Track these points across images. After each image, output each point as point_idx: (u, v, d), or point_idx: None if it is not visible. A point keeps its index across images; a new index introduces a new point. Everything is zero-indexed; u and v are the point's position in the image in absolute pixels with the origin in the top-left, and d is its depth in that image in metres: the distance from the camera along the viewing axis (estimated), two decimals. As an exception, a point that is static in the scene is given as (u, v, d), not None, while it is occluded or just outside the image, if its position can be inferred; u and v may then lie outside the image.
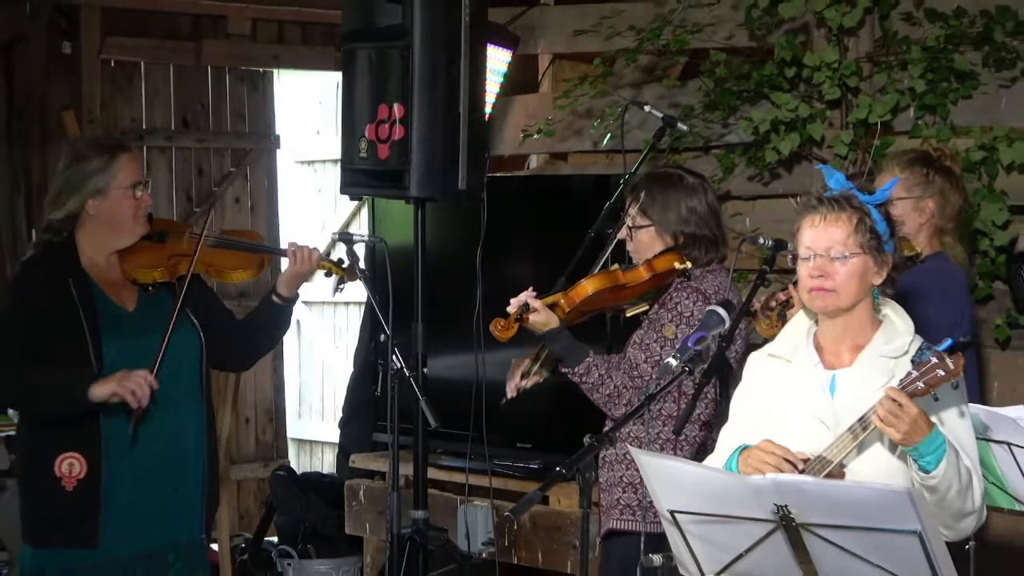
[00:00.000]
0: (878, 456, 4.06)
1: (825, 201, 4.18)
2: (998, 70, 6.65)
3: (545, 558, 6.92)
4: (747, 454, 4.12)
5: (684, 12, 7.47)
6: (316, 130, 11.60)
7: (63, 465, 5.36)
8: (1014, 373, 6.51)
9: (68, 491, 5.37)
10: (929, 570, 3.64)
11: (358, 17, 6.52)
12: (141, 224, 5.58)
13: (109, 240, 5.54)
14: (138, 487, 5.47)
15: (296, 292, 5.87)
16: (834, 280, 4.13)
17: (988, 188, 6.52)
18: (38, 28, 9.65)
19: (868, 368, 4.15)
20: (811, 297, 4.18)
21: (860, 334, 4.21)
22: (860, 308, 4.20)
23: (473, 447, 6.48)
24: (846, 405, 4.11)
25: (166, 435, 5.53)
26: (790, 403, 4.21)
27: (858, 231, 4.13)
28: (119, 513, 5.43)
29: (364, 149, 6.39)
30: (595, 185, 6.96)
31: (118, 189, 5.48)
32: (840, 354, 4.23)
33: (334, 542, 8.07)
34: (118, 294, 5.53)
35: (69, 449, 5.37)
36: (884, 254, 4.17)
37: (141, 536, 5.49)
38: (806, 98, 6.97)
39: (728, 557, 3.84)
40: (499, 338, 5.47)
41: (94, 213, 5.48)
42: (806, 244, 4.18)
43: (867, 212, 4.15)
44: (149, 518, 5.51)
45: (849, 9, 6.79)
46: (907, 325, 4.22)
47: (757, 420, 4.26)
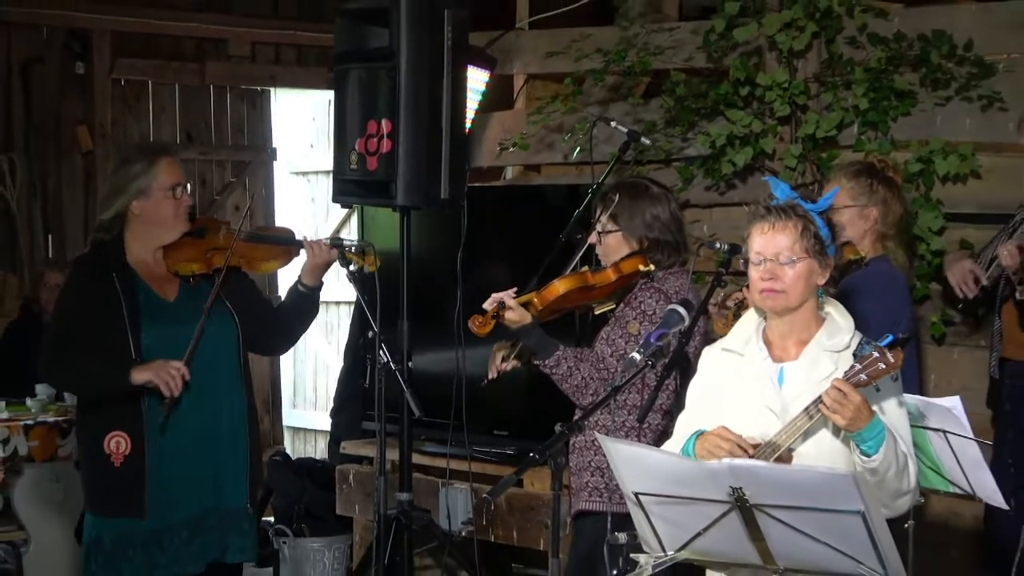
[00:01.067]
0: (823, 441, 4.07)
1: (772, 210, 4.19)
2: (934, 89, 6.67)
3: (520, 536, 6.91)
4: (703, 439, 4.12)
5: (647, 36, 7.48)
6: (310, 144, 11.58)
7: (111, 443, 5.47)
8: (949, 366, 6.52)
9: (116, 467, 5.47)
10: (872, 547, 3.64)
11: (349, 40, 6.51)
12: (182, 222, 5.65)
13: (153, 237, 5.62)
14: (179, 462, 5.54)
15: (319, 281, 5.95)
16: (783, 282, 4.14)
17: (925, 197, 6.53)
18: (53, 50, 9.63)
19: (812, 361, 4.16)
20: (762, 298, 4.19)
21: (805, 330, 4.22)
22: (806, 306, 4.21)
23: (454, 434, 6.47)
24: (792, 394, 4.12)
25: (204, 415, 5.61)
26: (741, 393, 4.22)
27: (803, 237, 4.14)
28: (162, 485, 5.51)
29: (354, 161, 6.38)
30: (566, 194, 6.95)
31: (159, 190, 5.57)
32: (787, 348, 4.24)
33: (326, 522, 8.05)
34: (161, 286, 5.61)
35: (116, 429, 5.48)
36: (827, 257, 4.19)
37: (183, 505, 5.56)
38: (759, 115, 6.97)
39: (688, 535, 3.84)
40: (477, 333, 5.47)
41: (138, 213, 5.57)
42: (756, 250, 4.19)
43: (811, 219, 4.17)
44: (190, 489, 5.58)
45: (798, 33, 6.80)
46: (848, 322, 4.24)
47: (711, 408, 4.27)
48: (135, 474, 5.46)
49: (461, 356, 6.38)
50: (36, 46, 9.58)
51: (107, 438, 5.46)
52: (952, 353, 6.53)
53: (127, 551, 5.50)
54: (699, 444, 4.13)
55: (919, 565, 4.53)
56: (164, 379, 5.36)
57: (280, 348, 6.61)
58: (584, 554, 5.42)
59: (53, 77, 9.61)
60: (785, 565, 3.82)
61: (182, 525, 5.56)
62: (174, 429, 5.50)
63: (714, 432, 4.09)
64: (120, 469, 5.46)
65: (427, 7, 6.38)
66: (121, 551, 5.50)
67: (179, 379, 5.38)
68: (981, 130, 6.58)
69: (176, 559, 5.55)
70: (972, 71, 6.57)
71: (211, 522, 5.64)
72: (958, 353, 6.52)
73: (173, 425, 5.49)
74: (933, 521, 5.70)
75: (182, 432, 5.52)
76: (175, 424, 5.50)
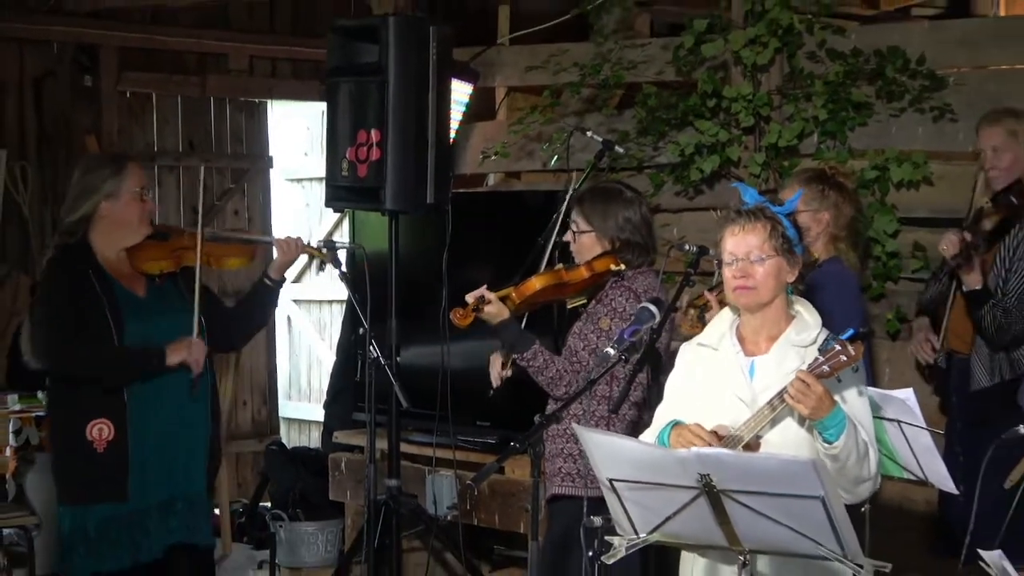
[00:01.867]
0: (789, 429, 4.07)
1: (743, 213, 4.20)
2: (889, 101, 6.67)
3: (501, 520, 6.90)
4: (679, 430, 4.11)
5: (620, 52, 7.48)
6: (304, 152, 11.56)
7: (94, 430, 5.44)
8: (903, 361, 6.52)
9: (100, 453, 5.44)
10: (831, 529, 3.64)
11: (341, 55, 6.50)
12: (146, 224, 5.64)
13: (119, 238, 5.59)
14: (156, 447, 5.53)
15: (283, 276, 5.94)
16: (754, 279, 4.15)
17: (880, 202, 6.54)
18: (64, 65, 9.61)
19: (782, 355, 4.16)
20: (736, 295, 4.19)
21: (775, 326, 4.22)
22: (776, 303, 4.21)
23: (439, 425, 6.47)
24: (762, 386, 4.12)
25: (178, 403, 5.59)
26: (716, 384, 4.22)
27: (772, 237, 4.15)
28: (141, 469, 5.49)
29: (346, 168, 6.37)
30: (544, 200, 6.93)
31: (128, 192, 5.57)
32: (758, 343, 4.24)
33: (320, 507, 8.03)
34: (129, 284, 5.59)
35: (98, 416, 5.43)
36: (795, 256, 4.20)
37: (159, 488, 5.55)
38: (725, 125, 6.97)
39: (659, 519, 3.84)
40: (458, 325, 5.49)
41: (106, 214, 5.55)
42: (729, 250, 4.19)
43: (779, 221, 4.17)
44: (164, 473, 5.57)
45: (761, 49, 6.80)
46: (815, 319, 4.24)
47: (688, 400, 4.26)
48: (118, 459, 5.44)
49: (446, 351, 6.38)
50: (48, 61, 9.55)
51: (89, 426, 5.42)
52: (906, 348, 6.53)
53: (111, 534, 5.46)
54: (674, 434, 4.13)
55: (875, 546, 4.53)
56: (196, 358, 5.47)
57: (237, 344, 6.56)
58: (557, 536, 5.42)
59: (63, 90, 9.58)
60: (750, 547, 3.82)
61: (157, 508, 5.54)
62: (149, 415, 5.50)
63: (690, 428, 4.08)
64: (103, 455, 5.43)
65: (414, 24, 6.38)
66: (105, 535, 5.46)
67: (203, 354, 5.50)
68: (933, 139, 6.60)
69: (154, 541, 5.53)
70: (924, 84, 6.58)
71: (180, 506, 5.63)
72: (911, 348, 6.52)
73: (147, 411, 5.49)
74: (888, 505, 5.70)
75: (157, 420, 5.52)
76: (148, 410, 5.50)
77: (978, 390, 5.66)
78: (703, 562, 4.22)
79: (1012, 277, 5.59)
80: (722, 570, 4.16)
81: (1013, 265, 5.60)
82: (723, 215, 4.31)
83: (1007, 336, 5.55)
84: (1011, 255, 5.61)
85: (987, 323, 5.57)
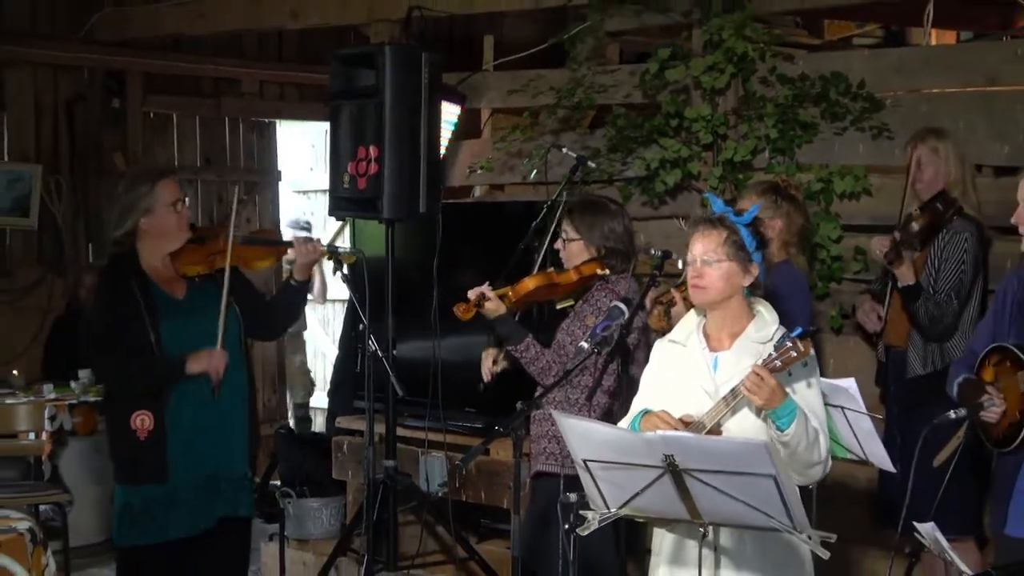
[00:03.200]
0: (746, 418, 4.06)
1: (703, 221, 4.21)
2: (833, 121, 6.67)
3: (487, 496, 6.89)
4: (648, 417, 4.11)
5: (592, 77, 7.46)
6: (310, 167, 11.57)
7: (136, 421, 5.41)
8: (845, 353, 6.52)
9: (142, 440, 5.41)
10: (782, 504, 3.63)
11: (342, 80, 6.50)
12: (184, 231, 5.58)
13: (161, 246, 5.54)
14: (193, 435, 5.50)
15: (308, 276, 5.80)
16: (705, 280, 4.15)
17: (825, 211, 6.54)
18: (94, 88, 9.61)
19: (743, 351, 4.15)
20: (692, 292, 4.22)
21: (737, 324, 4.21)
22: (735, 303, 4.20)
23: (431, 411, 6.46)
24: (724, 379, 4.11)
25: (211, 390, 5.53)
26: (683, 378, 4.21)
27: (726, 243, 4.14)
28: (179, 455, 5.47)
29: (347, 181, 6.37)
30: (525, 209, 6.92)
31: (163, 207, 5.50)
32: (722, 340, 4.22)
33: (324, 485, 8.00)
34: (171, 287, 5.54)
35: (140, 408, 5.42)
36: (750, 263, 4.18)
37: (197, 471, 5.52)
38: (686, 142, 6.96)
39: (628, 495, 3.83)
40: (461, 318, 5.49)
41: (147, 228, 5.51)
42: (690, 252, 4.20)
43: (736, 229, 4.17)
44: (202, 458, 5.53)
45: (719, 75, 6.79)
46: (774, 318, 4.23)
47: (659, 390, 4.26)
48: (157, 446, 5.43)
49: (437, 345, 6.37)
50: (79, 85, 9.55)
51: (133, 417, 5.42)
52: (848, 342, 6.54)
53: (153, 512, 5.48)
54: (644, 420, 4.13)
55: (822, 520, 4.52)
56: (215, 367, 5.42)
57: (274, 334, 6.59)
58: (540, 509, 5.41)
59: (93, 111, 9.57)
60: (709, 520, 3.82)
61: (194, 487, 5.52)
62: (187, 404, 5.48)
63: (657, 415, 4.08)
64: (145, 443, 5.43)
65: (407, 52, 6.38)
66: (148, 513, 5.48)
67: (223, 364, 5.44)
68: (872, 155, 6.60)
69: (191, 515, 5.53)
70: (864, 106, 6.58)
71: (219, 484, 5.61)
72: (853, 342, 6.52)
73: (186, 400, 5.47)
74: (833, 483, 5.69)
75: (194, 406, 5.49)
76: (187, 399, 5.47)
77: (913, 378, 5.67)
78: (671, 537, 4.22)
79: (941, 276, 5.60)
80: (687, 544, 4.16)
81: (942, 265, 5.61)
82: (690, 221, 4.33)
83: (939, 326, 5.56)
84: (939, 255, 5.63)
85: (921, 315, 5.58)
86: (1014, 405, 4.43)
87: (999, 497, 4.59)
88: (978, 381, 4.56)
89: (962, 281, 5.57)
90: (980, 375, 4.60)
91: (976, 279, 5.63)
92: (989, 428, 4.53)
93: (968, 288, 5.58)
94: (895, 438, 5.57)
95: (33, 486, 7.79)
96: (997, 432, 4.50)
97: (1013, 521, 4.48)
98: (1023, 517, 4.46)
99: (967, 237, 5.58)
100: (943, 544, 3.88)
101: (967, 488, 5.28)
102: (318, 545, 7.74)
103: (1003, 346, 4.53)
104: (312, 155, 11.61)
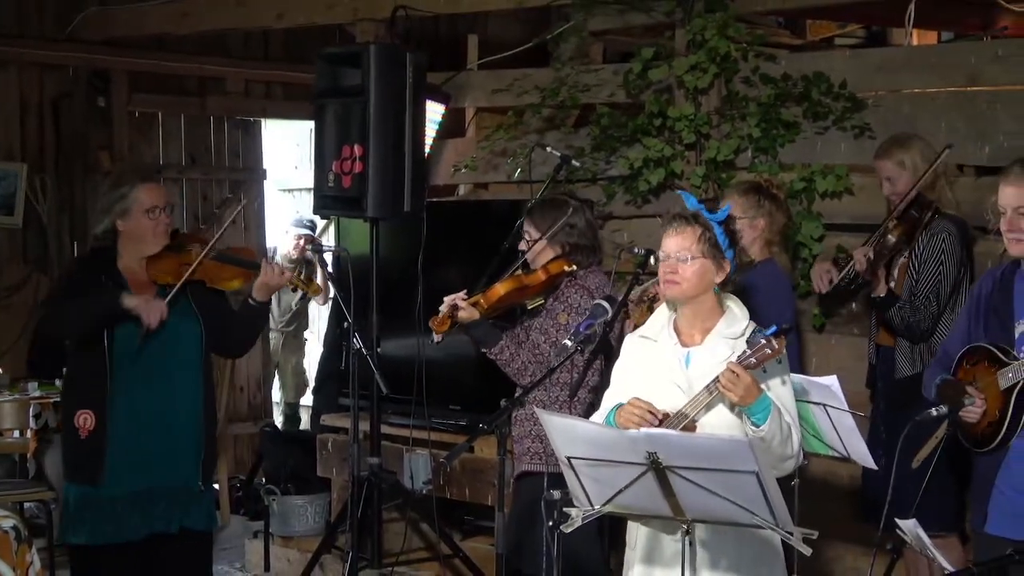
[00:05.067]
0: (721, 413, 4.08)
1: (678, 217, 4.22)
2: (815, 121, 6.68)
3: (471, 494, 6.89)
4: (621, 410, 4.13)
5: (576, 76, 7.46)
6: (295, 165, 11.56)
7: (79, 419, 5.41)
8: (827, 351, 6.54)
9: (82, 439, 5.40)
10: (764, 501, 3.64)
11: (327, 79, 6.50)
12: (161, 238, 5.54)
13: (137, 249, 5.54)
14: (135, 440, 5.44)
15: (267, 298, 5.70)
16: (680, 276, 4.16)
17: (807, 210, 6.55)
18: (79, 87, 9.57)
19: (714, 346, 4.16)
20: (664, 288, 4.23)
21: (708, 320, 4.22)
22: (706, 300, 4.21)
23: (416, 408, 6.46)
24: (696, 374, 4.12)
25: (161, 398, 5.50)
26: (655, 372, 4.22)
27: (700, 241, 4.16)
28: (119, 459, 5.41)
29: (332, 180, 6.36)
30: (509, 208, 6.93)
31: (139, 212, 5.49)
32: (693, 335, 4.23)
33: (309, 482, 8.00)
34: (141, 290, 5.48)
35: (84, 407, 5.41)
36: (723, 260, 4.19)
37: (136, 479, 5.45)
38: (669, 142, 6.96)
39: (612, 492, 3.83)
40: (436, 331, 5.49)
41: (123, 229, 5.52)
42: (663, 249, 4.22)
43: (709, 227, 4.18)
44: (143, 466, 5.46)
45: (702, 74, 6.79)
46: (744, 314, 4.25)
47: (631, 385, 4.25)
48: (97, 447, 5.39)
49: (421, 343, 6.36)
50: (65, 84, 9.51)
51: (77, 415, 5.41)
52: (830, 340, 6.55)
53: (84, 514, 5.43)
54: (618, 414, 4.14)
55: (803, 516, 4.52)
56: (147, 310, 5.32)
57: (235, 352, 6.35)
58: (525, 508, 5.40)
59: (79, 110, 9.53)
60: (692, 516, 3.82)
61: (129, 496, 5.44)
62: (132, 409, 5.42)
63: (628, 402, 4.11)
64: (84, 442, 5.40)
65: (392, 52, 6.39)
66: (80, 514, 5.44)
67: (158, 316, 5.33)
68: (853, 154, 6.60)
69: (118, 523, 5.44)
70: (846, 106, 6.58)
71: (159, 497, 5.51)
72: (835, 340, 6.54)
73: (131, 406, 5.41)
74: (815, 479, 5.71)
75: (140, 412, 5.44)
76: (133, 405, 5.42)
77: (901, 378, 5.67)
78: (645, 531, 4.22)
79: (921, 278, 5.60)
80: (663, 538, 4.17)
81: (921, 267, 5.61)
82: (664, 218, 4.34)
83: (917, 331, 5.57)
84: (919, 257, 5.63)
85: (897, 323, 5.59)
86: (993, 404, 4.44)
87: (978, 496, 4.60)
88: (957, 381, 4.57)
89: (940, 282, 5.56)
90: (957, 375, 4.60)
91: (961, 277, 5.62)
92: (967, 428, 4.53)
93: (950, 287, 5.58)
94: (880, 434, 5.58)
95: (18, 484, 7.78)
96: (976, 431, 4.51)
97: (993, 519, 4.49)
98: (1003, 515, 4.47)
99: (945, 237, 5.58)
100: (925, 541, 3.88)
101: (949, 485, 5.30)
102: (303, 542, 7.73)
103: (980, 346, 4.53)
104: (297, 154, 11.60)
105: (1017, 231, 4.42)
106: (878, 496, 4.84)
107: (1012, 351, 4.42)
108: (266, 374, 10.86)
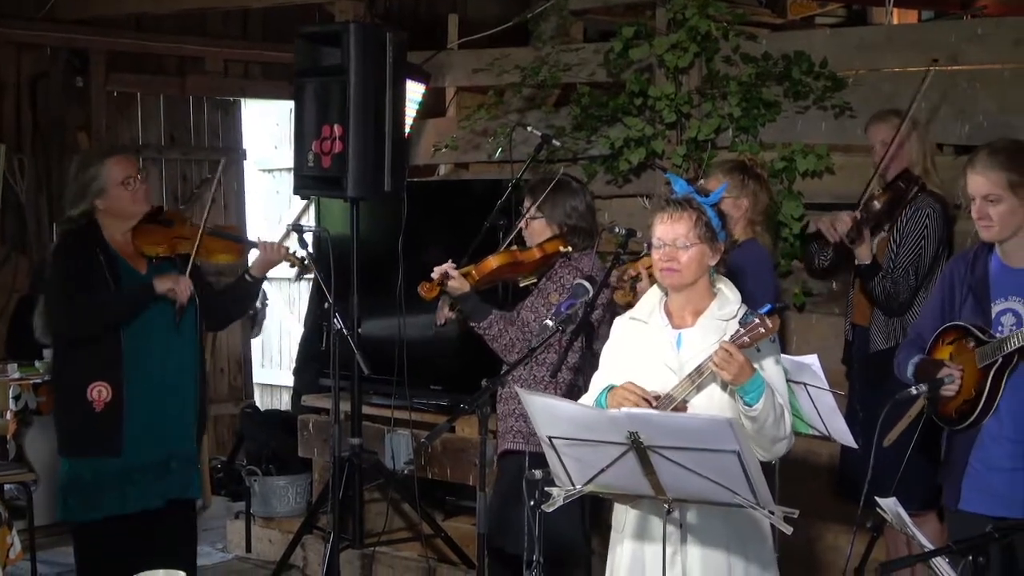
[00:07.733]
0: (713, 394, 4.06)
1: (671, 202, 4.17)
2: (795, 100, 6.68)
3: (452, 473, 6.90)
4: (613, 392, 4.10)
5: (557, 55, 7.46)
6: (274, 145, 11.51)
7: (94, 392, 5.47)
8: (808, 330, 6.56)
9: (98, 412, 5.45)
10: (745, 480, 3.65)
11: (307, 58, 6.48)
12: (141, 205, 5.66)
13: (119, 223, 5.63)
14: (149, 409, 5.56)
15: (263, 275, 5.92)
16: (679, 263, 4.12)
17: (788, 190, 6.55)
18: (57, 67, 9.51)
19: (706, 328, 4.14)
20: (662, 275, 4.18)
21: (700, 302, 4.20)
22: (700, 282, 4.19)
23: (397, 389, 6.46)
24: (688, 356, 4.10)
25: (170, 371, 5.62)
26: (646, 354, 4.20)
27: (696, 226, 4.13)
28: (135, 429, 5.52)
29: (311, 159, 6.35)
30: (490, 188, 6.92)
31: (115, 186, 5.58)
32: (684, 317, 4.21)
33: (290, 463, 8.01)
34: (134, 262, 5.62)
35: (98, 380, 5.46)
36: (717, 242, 4.18)
37: (151, 447, 5.59)
38: (650, 121, 6.97)
39: (593, 471, 3.83)
40: (424, 298, 5.47)
41: (103, 208, 5.59)
42: (658, 235, 4.17)
43: (703, 211, 4.15)
44: (157, 433, 5.60)
45: (682, 53, 6.79)
46: (735, 296, 4.23)
47: (621, 367, 4.24)
48: (114, 418, 5.47)
49: (402, 323, 6.36)
50: (42, 63, 9.46)
51: (90, 388, 5.44)
52: (811, 319, 6.57)
53: (104, 484, 5.48)
54: (610, 396, 4.11)
55: (784, 495, 4.54)
56: (180, 289, 5.50)
57: (221, 325, 6.49)
58: (507, 486, 5.41)
59: (57, 90, 9.48)
60: (673, 495, 3.82)
61: (149, 465, 5.57)
62: (145, 381, 5.53)
63: (622, 386, 4.08)
64: (101, 414, 5.45)
65: (372, 31, 6.37)
66: (99, 486, 5.48)
67: (187, 291, 5.52)
68: (834, 134, 6.61)
69: (144, 494, 5.57)
70: (827, 85, 6.59)
71: (173, 463, 5.68)
72: (815, 319, 6.56)
73: (144, 377, 5.51)
74: (795, 459, 5.72)
75: (152, 385, 5.55)
76: (146, 376, 5.52)
77: (875, 352, 5.69)
78: (634, 513, 4.22)
79: (901, 252, 5.63)
80: (652, 520, 4.16)
81: (903, 241, 5.64)
82: (654, 202, 4.32)
83: (895, 303, 5.59)
84: (901, 231, 5.65)
85: (878, 292, 5.61)
86: (969, 382, 4.46)
87: (951, 474, 4.61)
88: (934, 360, 4.58)
89: (920, 257, 5.60)
90: (933, 354, 4.62)
91: (939, 255, 5.65)
92: (942, 406, 4.55)
93: (929, 264, 5.61)
94: (857, 413, 5.60)
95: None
96: (950, 409, 4.53)
97: (967, 497, 4.52)
98: (977, 492, 4.49)
99: (929, 213, 5.61)
100: (905, 519, 3.89)
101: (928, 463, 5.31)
102: (284, 523, 7.74)
103: (958, 324, 4.55)
104: (277, 134, 11.56)
105: (987, 218, 4.45)
106: (857, 475, 4.86)
107: (989, 330, 4.44)
108: (246, 354, 10.86)
